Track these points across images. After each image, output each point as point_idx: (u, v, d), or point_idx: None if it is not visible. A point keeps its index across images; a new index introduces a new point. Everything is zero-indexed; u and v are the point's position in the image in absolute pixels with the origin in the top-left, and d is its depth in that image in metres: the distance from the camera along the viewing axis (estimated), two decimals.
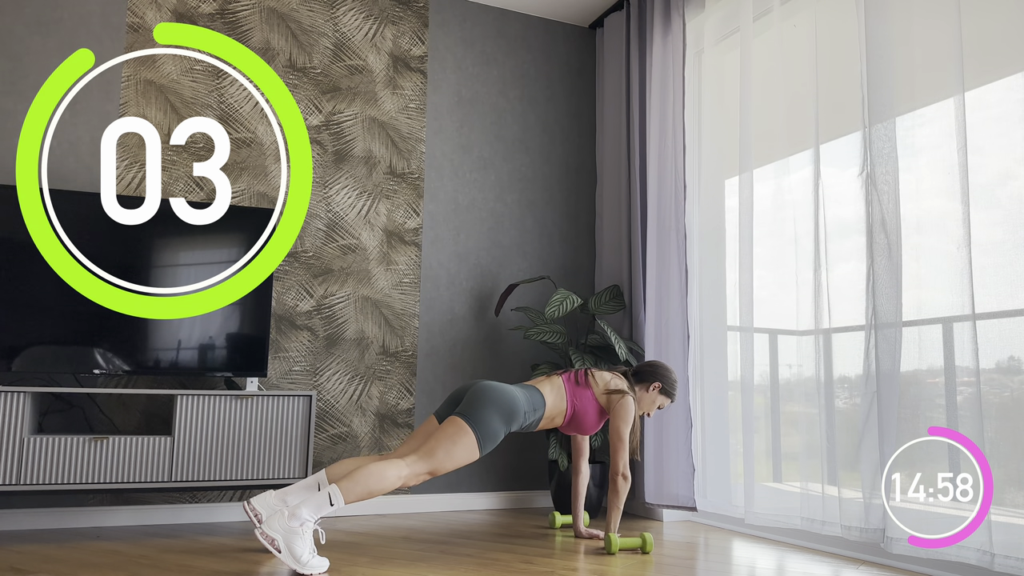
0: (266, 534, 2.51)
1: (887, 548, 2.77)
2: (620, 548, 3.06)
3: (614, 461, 3.12)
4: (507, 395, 2.96)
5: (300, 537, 2.51)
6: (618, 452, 3.12)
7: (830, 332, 3.10)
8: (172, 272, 3.41)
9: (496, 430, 2.88)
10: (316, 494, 2.60)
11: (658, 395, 3.31)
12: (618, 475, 3.10)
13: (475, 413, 2.87)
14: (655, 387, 3.29)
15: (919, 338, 2.83)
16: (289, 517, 2.52)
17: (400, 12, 4.19)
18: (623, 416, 3.15)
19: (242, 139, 3.80)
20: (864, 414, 2.92)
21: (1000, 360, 2.65)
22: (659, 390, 3.30)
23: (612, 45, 4.41)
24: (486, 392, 2.94)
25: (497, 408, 2.90)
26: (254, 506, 2.86)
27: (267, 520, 2.55)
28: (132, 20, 3.65)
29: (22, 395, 2.97)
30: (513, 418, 2.94)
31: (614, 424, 3.16)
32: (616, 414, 3.17)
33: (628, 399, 3.18)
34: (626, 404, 3.17)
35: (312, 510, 2.55)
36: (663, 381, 3.30)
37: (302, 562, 2.51)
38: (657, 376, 3.30)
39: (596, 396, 3.21)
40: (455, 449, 2.80)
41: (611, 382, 3.23)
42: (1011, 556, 2.44)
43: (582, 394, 3.19)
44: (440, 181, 4.21)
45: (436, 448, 2.79)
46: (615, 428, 3.15)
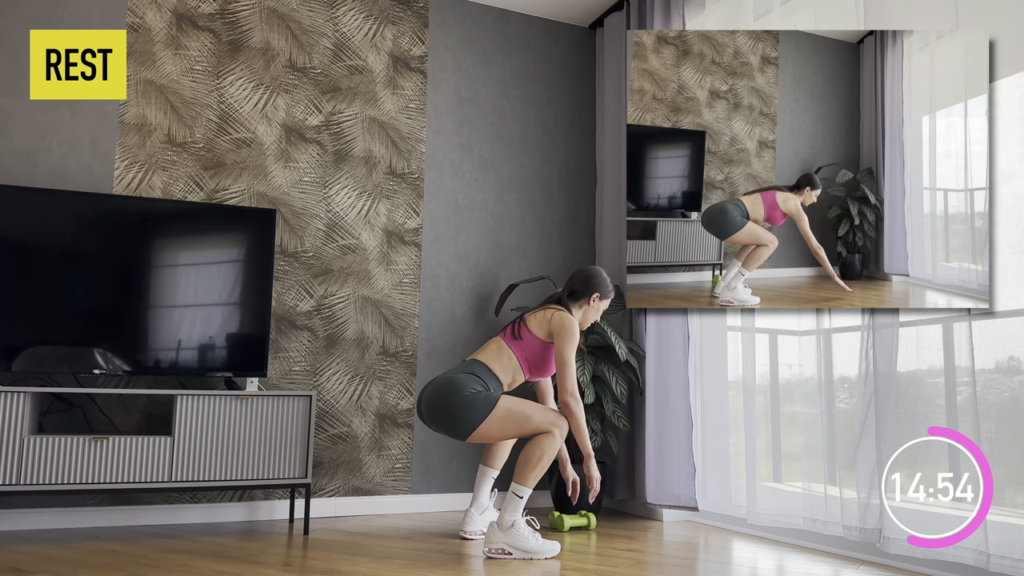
0: (492, 549, 2.90)
1: (883, 548, 2.77)
2: (569, 527, 3.38)
3: (561, 385, 3.05)
4: (450, 393, 2.97)
5: (519, 535, 2.88)
6: (563, 375, 3.04)
7: (830, 332, 3.10)
8: (172, 272, 3.41)
9: (479, 399, 2.94)
10: (506, 496, 2.93)
11: (599, 302, 3.24)
12: (567, 396, 3.03)
13: (465, 424, 2.95)
14: (595, 298, 3.22)
15: (917, 338, 2.83)
16: (500, 527, 2.90)
17: (400, 12, 4.19)
18: (563, 336, 3.06)
19: (242, 139, 3.79)
20: (862, 414, 2.92)
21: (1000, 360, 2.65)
22: (599, 298, 3.23)
23: (612, 45, 4.40)
24: (444, 417, 2.99)
25: (460, 405, 2.94)
26: (487, 543, 2.97)
27: (486, 539, 2.94)
28: (132, 20, 3.65)
29: (22, 395, 2.97)
30: (475, 385, 2.99)
31: (557, 348, 3.07)
32: (557, 336, 3.08)
33: (563, 316, 3.10)
34: (563, 323, 3.08)
35: (511, 511, 2.89)
36: (600, 289, 3.22)
37: (534, 551, 2.88)
38: (592, 286, 3.22)
39: (541, 337, 3.13)
40: (512, 425, 2.96)
41: (550, 317, 3.13)
42: (1006, 556, 2.44)
43: (527, 344, 3.13)
44: (440, 181, 4.21)
45: (516, 435, 3.01)
46: (559, 351, 3.07)
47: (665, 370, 3.80)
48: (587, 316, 3.24)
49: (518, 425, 2.96)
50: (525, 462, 2.93)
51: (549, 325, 3.11)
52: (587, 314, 3.24)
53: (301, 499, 3.44)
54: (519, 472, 2.93)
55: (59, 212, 3.24)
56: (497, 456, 3.35)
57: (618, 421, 3.87)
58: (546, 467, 2.95)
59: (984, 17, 2.78)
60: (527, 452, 2.95)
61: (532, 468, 2.92)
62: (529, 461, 2.93)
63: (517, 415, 2.95)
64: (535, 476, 2.93)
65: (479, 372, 3.06)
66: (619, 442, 4.03)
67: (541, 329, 3.12)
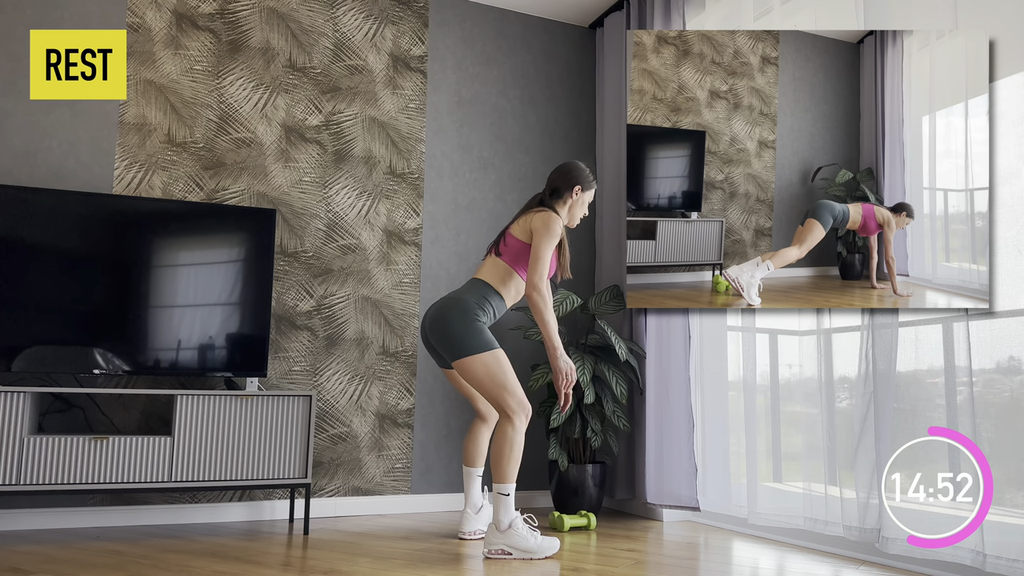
0: (492, 551, 2.90)
1: (883, 548, 2.77)
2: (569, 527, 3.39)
3: (528, 277, 2.97)
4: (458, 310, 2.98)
5: (517, 535, 2.88)
6: (532, 267, 2.96)
7: (830, 332, 3.10)
8: (172, 272, 3.41)
9: (483, 335, 2.95)
10: (497, 498, 2.93)
11: (583, 194, 3.17)
12: (531, 288, 2.95)
13: (459, 347, 2.94)
14: (576, 190, 3.15)
15: (916, 338, 2.83)
16: (497, 528, 2.90)
17: (400, 12, 4.19)
18: (540, 232, 2.99)
19: (242, 139, 3.79)
20: (862, 414, 2.92)
21: (1000, 360, 2.65)
22: (581, 190, 3.16)
23: (612, 45, 4.40)
24: (445, 329, 2.98)
25: (463, 327, 2.95)
26: (486, 545, 2.96)
27: (485, 541, 2.94)
28: (132, 20, 3.65)
29: (22, 395, 2.97)
30: (479, 311, 2.99)
31: (534, 243, 3.01)
32: (535, 232, 3.01)
33: (544, 214, 3.03)
34: (543, 219, 3.01)
35: (503, 512, 2.90)
36: (581, 181, 3.15)
37: (534, 550, 2.88)
38: (573, 179, 3.14)
39: (524, 240, 3.07)
40: (491, 377, 2.93)
41: (531, 218, 3.07)
42: (1002, 557, 2.44)
43: (511, 248, 3.08)
44: (440, 181, 4.21)
45: (487, 390, 2.96)
46: (534, 246, 3.00)
47: (665, 370, 3.80)
48: (573, 212, 3.17)
49: (494, 383, 2.93)
50: (497, 459, 2.94)
51: (530, 225, 3.05)
52: (573, 209, 3.17)
53: (301, 499, 3.44)
54: (495, 471, 2.93)
55: (59, 212, 3.24)
56: (477, 454, 3.36)
57: (618, 421, 3.87)
58: (518, 457, 2.94)
59: (984, 17, 2.78)
60: (496, 451, 2.95)
61: (505, 462, 2.92)
62: (501, 456, 2.93)
63: (498, 373, 2.93)
64: (511, 469, 2.93)
65: (486, 293, 3.05)
66: (619, 442, 4.03)
67: (523, 232, 3.07)
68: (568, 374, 2.98)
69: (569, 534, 3.44)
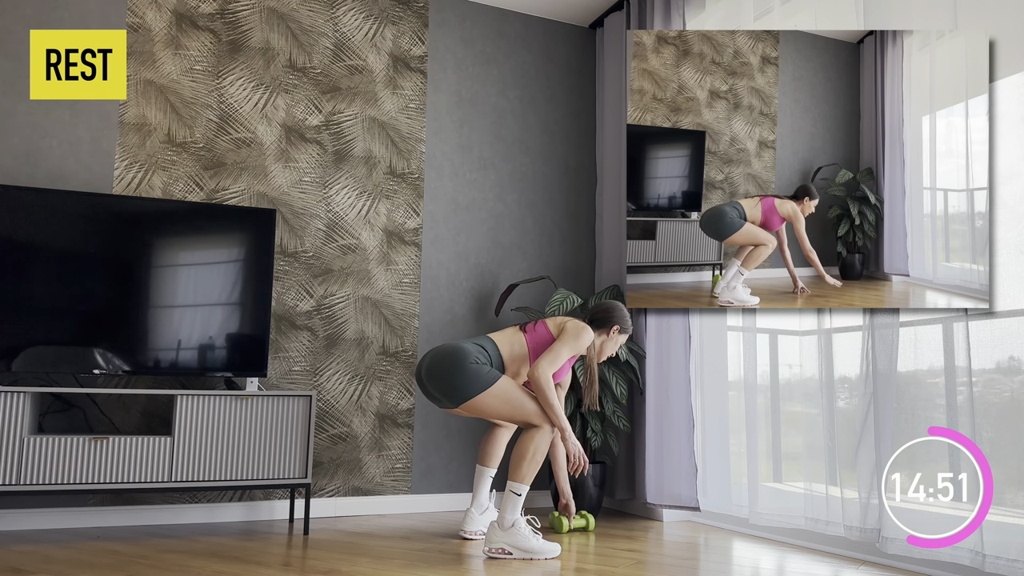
0: (492, 549, 2.89)
1: (882, 548, 2.76)
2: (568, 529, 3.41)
3: (538, 362, 2.96)
4: (454, 357, 2.98)
5: (519, 534, 2.88)
6: (546, 358, 2.97)
7: (830, 332, 3.10)
8: (172, 272, 3.41)
9: (482, 371, 2.94)
10: (504, 496, 2.91)
11: (618, 335, 3.22)
12: (536, 372, 2.93)
13: (464, 389, 2.93)
14: (614, 330, 3.21)
15: (916, 338, 2.83)
16: (500, 526, 2.89)
17: (400, 12, 4.19)
18: (566, 335, 3.03)
19: (242, 139, 3.79)
20: (862, 414, 2.92)
21: (1000, 360, 2.65)
22: (619, 331, 3.22)
23: (612, 45, 4.40)
24: (444, 377, 2.98)
25: (462, 370, 2.94)
26: (487, 543, 2.95)
27: (486, 539, 2.93)
28: (132, 20, 3.65)
29: (22, 395, 2.97)
30: (478, 355, 2.99)
31: (559, 340, 3.03)
32: (565, 331, 3.04)
33: (580, 323, 3.08)
34: (576, 326, 3.05)
35: (510, 510, 2.88)
36: (620, 322, 3.21)
37: (535, 551, 2.87)
38: (614, 319, 3.21)
39: (554, 333, 3.09)
40: (506, 404, 2.94)
41: (567, 320, 3.13)
42: (1001, 557, 2.44)
43: (538, 334, 3.11)
44: (440, 181, 4.21)
45: (507, 417, 2.98)
46: (557, 342, 3.02)
47: (665, 370, 3.80)
48: (605, 347, 3.23)
49: (512, 408, 2.95)
50: (519, 459, 2.93)
51: (564, 325, 3.10)
52: (605, 345, 3.22)
53: (301, 499, 3.44)
54: (513, 470, 2.94)
55: (59, 212, 3.24)
56: (493, 455, 3.36)
57: (618, 421, 3.87)
58: (540, 462, 2.95)
59: (984, 17, 2.78)
60: (519, 449, 2.95)
61: (526, 464, 2.92)
62: (523, 457, 2.93)
63: (514, 398, 2.95)
64: (530, 472, 2.93)
65: (486, 347, 3.07)
66: (619, 442, 4.03)
67: (556, 327, 3.12)
68: (578, 456, 3.02)
69: (569, 534, 3.44)
